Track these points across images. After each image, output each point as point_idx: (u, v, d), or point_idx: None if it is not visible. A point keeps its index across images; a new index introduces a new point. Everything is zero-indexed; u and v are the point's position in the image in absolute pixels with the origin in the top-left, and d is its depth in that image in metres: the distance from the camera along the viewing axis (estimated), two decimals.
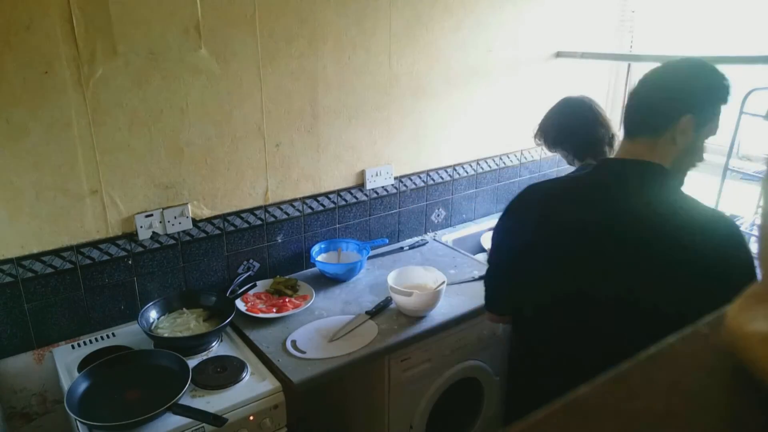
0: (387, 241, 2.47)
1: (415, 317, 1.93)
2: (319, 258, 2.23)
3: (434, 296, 1.91)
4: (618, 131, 1.77)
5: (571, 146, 1.98)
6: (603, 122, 1.93)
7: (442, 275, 2.01)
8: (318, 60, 2.07)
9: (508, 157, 2.83)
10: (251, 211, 2.09)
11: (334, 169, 2.25)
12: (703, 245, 1.18)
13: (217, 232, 2.03)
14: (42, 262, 1.72)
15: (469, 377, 2.15)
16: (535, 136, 2.09)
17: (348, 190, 2.32)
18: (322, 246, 2.28)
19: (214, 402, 1.55)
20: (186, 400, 1.55)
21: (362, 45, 2.16)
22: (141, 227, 1.86)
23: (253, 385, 1.63)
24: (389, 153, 2.38)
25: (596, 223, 1.28)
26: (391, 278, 1.97)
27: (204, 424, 1.47)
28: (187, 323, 1.86)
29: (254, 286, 2.04)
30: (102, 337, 1.85)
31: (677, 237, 1.20)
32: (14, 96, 1.56)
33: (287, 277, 2.16)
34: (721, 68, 1.26)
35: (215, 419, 1.46)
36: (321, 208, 2.26)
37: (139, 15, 1.68)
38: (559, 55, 2.81)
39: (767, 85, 1.97)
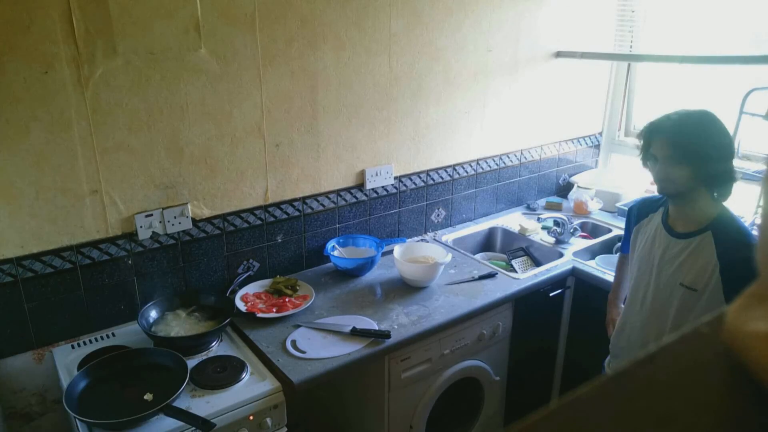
0: (406, 240, 2.48)
1: (417, 288, 2.14)
2: (335, 253, 2.26)
3: (434, 267, 2.11)
4: None
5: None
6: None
7: (444, 252, 2.20)
8: (318, 60, 2.07)
9: (508, 157, 2.83)
10: (251, 211, 2.09)
11: (334, 169, 2.25)
12: None
13: (217, 232, 2.03)
14: (42, 261, 1.72)
15: (469, 377, 2.15)
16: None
17: (348, 190, 2.32)
18: (340, 240, 2.32)
19: (213, 402, 1.56)
20: (186, 399, 1.55)
21: (362, 45, 2.16)
22: (141, 227, 1.86)
23: (253, 385, 1.63)
24: (389, 153, 2.38)
25: None
26: (397, 251, 2.18)
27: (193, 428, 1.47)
28: (186, 323, 1.86)
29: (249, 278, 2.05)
30: (102, 337, 1.85)
31: None
32: (14, 96, 1.56)
33: (287, 277, 2.16)
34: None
35: (203, 424, 1.45)
36: (321, 208, 2.26)
37: (139, 15, 1.68)
38: (559, 55, 2.81)
39: (767, 85, 1.97)
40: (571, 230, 2.56)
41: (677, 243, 1.66)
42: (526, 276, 2.25)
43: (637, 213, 1.85)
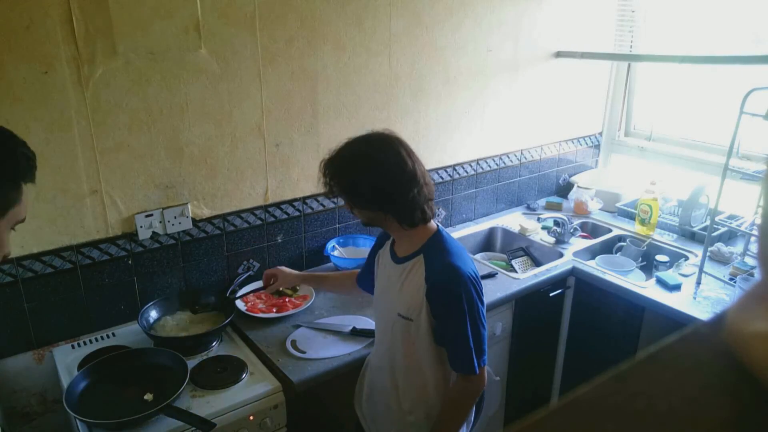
0: None
1: None
2: (335, 253, 2.26)
3: None
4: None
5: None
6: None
7: None
8: (318, 60, 2.07)
9: (508, 157, 2.83)
10: (251, 211, 2.09)
11: None
12: None
13: (217, 232, 2.03)
14: (42, 262, 1.72)
15: None
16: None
17: None
18: (340, 240, 2.32)
19: (213, 402, 1.55)
20: (186, 400, 1.55)
21: (362, 45, 2.16)
22: (141, 227, 1.85)
23: (253, 385, 1.63)
24: None
25: None
26: None
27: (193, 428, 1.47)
28: (186, 323, 1.86)
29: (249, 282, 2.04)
30: (102, 337, 1.85)
31: None
32: (14, 96, 1.56)
33: None
34: None
35: (203, 424, 1.45)
36: (321, 208, 2.26)
37: (139, 15, 1.68)
38: (559, 55, 2.81)
39: (767, 85, 1.97)
40: (571, 230, 2.56)
41: (396, 269, 1.52)
42: (526, 276, 2.25)
43: (379, 237, 1.69)
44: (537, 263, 2.51)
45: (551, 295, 2.32)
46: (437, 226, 1.52)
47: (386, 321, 1.55)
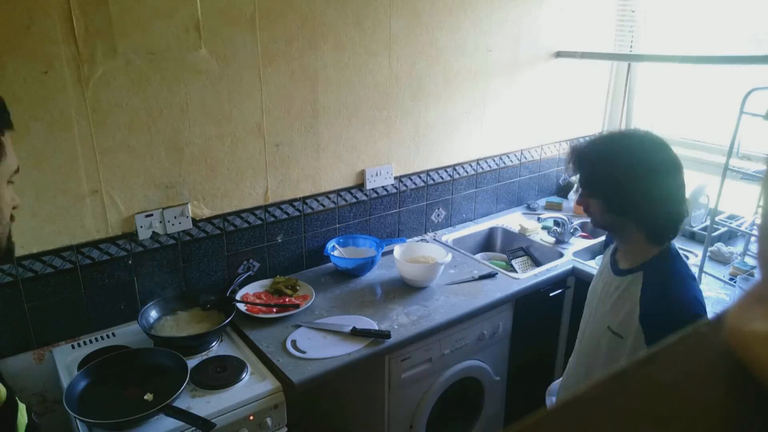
0: (406, 240, 2.48)
1: (417, 288, 2.13)
2: (335, 253, 2.26)
3: (434, 267, 2.11)
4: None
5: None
6: None
7: (444, 252, 2.19)
8: (318, 60, 2.07)
9: (508, 157, 2.83)
10: (251, 211, 2.09)
11: (334, 168, 2.25)
12: None
13: (217, 232, 2.03)
14: (42, 261, 1.72)
15: (469, 377, 2.15)
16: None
17: (348, 189, 2.32)
18: (341, 240, 2.32)
19: (214, 402, 1.56)
20: (186, 400, 1.55)
21: (362, 45, 2.16)
22: (141, 227, 1.85)
23: (253, 385, 1.63)
24: (389, 153, 2.38)
25: None
26: (397, 251, 2.17)
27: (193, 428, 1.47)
28: (187, 323, 1.86)
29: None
30: (102, 337, 1.85)
31: None
32: (14, 96, 1.56)
33: (287, 277, 2.16)
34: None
35: (204, 424, 1.45)
36: (321, 208, 2.26)
37: (139, 15, 1.68)
38: (559, 55, 2.81)
39: (767, 85, 1.97)
40: (571, 230, 2.56)
41: (614, 280, 1.43)
42: (526, 276, 2.25)
43: (607, 237, 1.65)
44: (537, 263, 2.51)
45: (551, 295, 2.32)
46: (671, 242, 1.38)
47: (593, 329, 1.47)
